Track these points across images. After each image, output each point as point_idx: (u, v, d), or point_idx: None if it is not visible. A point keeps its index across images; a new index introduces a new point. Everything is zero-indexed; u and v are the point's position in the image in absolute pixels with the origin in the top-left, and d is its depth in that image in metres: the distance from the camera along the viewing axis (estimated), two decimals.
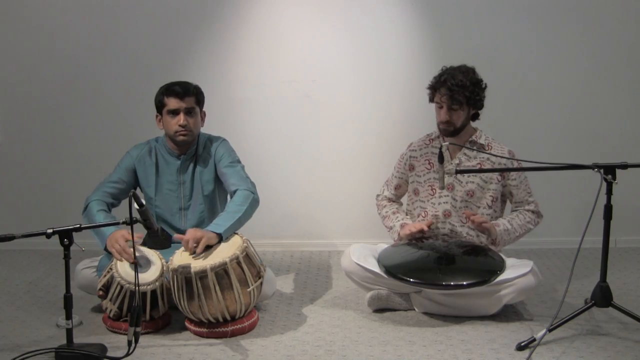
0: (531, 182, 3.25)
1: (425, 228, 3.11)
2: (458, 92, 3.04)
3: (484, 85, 3.14)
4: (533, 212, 3.17)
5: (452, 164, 3.12)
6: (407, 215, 3.33)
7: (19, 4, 4.17)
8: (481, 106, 3.16)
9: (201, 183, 3.19)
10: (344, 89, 4.20)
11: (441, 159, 2.92)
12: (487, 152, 3.12)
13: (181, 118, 3.07)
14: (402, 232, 3.17)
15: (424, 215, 3.21)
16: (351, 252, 3.12)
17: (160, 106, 3.12)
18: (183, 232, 3.16)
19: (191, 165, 3.20)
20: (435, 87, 3.12)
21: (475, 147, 3.14)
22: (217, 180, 3.21)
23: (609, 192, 2.65)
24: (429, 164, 3.23)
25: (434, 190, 3.20)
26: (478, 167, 3.12)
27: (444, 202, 3.17)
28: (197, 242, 2.80)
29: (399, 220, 3.25)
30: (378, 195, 3.45)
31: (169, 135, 3.15)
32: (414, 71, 4.09)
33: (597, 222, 2.67)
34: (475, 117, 3.19)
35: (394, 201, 3.42)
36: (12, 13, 4.18)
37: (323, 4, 4.12)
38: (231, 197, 3.08)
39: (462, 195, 3.14)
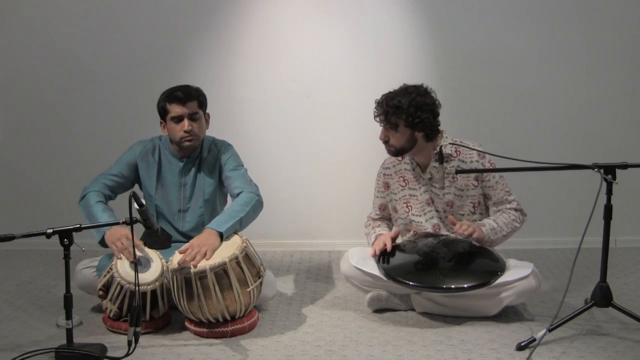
0: (531, 183, 3.24)
1: (389, 244, 3.04)
2: (393, 114, 2.98)
3: (433, 108, 3.01)
4: (516, 210, 3.10)
5: (424, 179, 3.10)
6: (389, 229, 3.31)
7: (18, 3, 4.17)
8: (426, 128, 3.00)
9: (202, 187, 3.18)
10: (343, 89, 4.20)
11: (441, 159, 2.91)
12: (486, 151, 3.08)
13: (185, 124, 3.05)
14: (372, 247, 3.10)
15: (413, 233, 3.20)
16: (350, 255, 3.11)
17: (163, 113, 3.10)
18: (181, 233, 3.17)
19: (194, 169, 3.19)
20: (376, 107, 3.08)
21: (451, 156, 3.06)
22: (219, 185, 3.20)
23: (609, 192, 2.64)
24: (404, 180, 3.20)
25: (410, 207, 3.18)
26: (449, 177, 3.09)
27: (430, 218, 3.15)
28: (202, 255, 2.76)
29: (375, 234, 3.23)
30: (367, 217, 3.41)
31: (174, 142, 3.14)
32: (414, 71, 4.09)
33: (597, 222, 2.66)
34: (428, 138, 3.05)
35: (378, 220, 3.36)
36: (12, 13, 4.18)
37: (323, 4, 4.12)
38: (234, 199, 3.08)
39: (443, 207, 3.12)
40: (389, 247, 3.04)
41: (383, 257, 3.05)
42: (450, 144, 3.06)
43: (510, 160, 2.88)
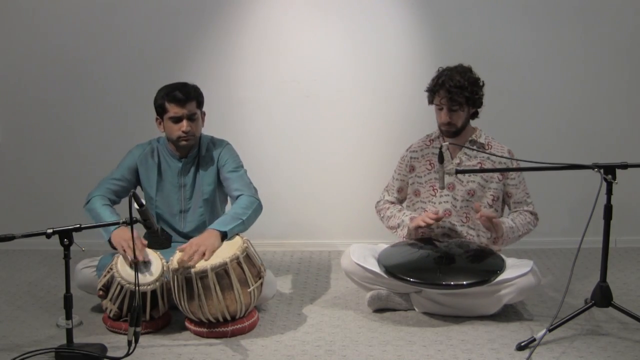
0: (531, 182, 3.26)
1: (433, 219, 3.04)
2: (457, 94, 3.03)
3: (482, 84, 3.13)
4: (532, 213, 3.17)
5: (452, 163, 3.12)
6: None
7: (18, 4, 4.17)
8: (480, 104, 3.15)
9: (202, 186, 3.17)
10: (344, 88, 4.20)
11: (441, 158, 2.91)
12: (487, 152, 3.12)
13: (184, 125, 3.04)
14: (412, 225, 3.12)
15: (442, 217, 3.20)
16: (351, 252, 3.12)
17: (161, 111, 3.09)
18: (182, 234, 3.17)
19: (192, 168, 3.19)
20: (434, 90, 3.11)
21: (475, 147, 3.14)
22: (218, 184, 3.20)
23: (609, 192, 2.65)
24: (430, 164, 3.23)
25: (435, 191, 3.19)
26: (478, 166, 3.12)
27: (444, 202, 3.17)
28: (200, 254, 2.77)
29: (407, 216, 3.22)
30: (378, 202, 3.41)
31: (171, 140, 3.14)
32: (414, 71, 4.09)
33: (597, 222, 2.67)
34: (475, 115, 3.19)
35: (397, 204, 3.38)
36: (12, 13, 4.18)
37: (323, 4, 4.12)
38: (234, 202, 3.08)
39: (463, 195, 3.14)
40: (440, 216, 3.06)
41: (396, 249, 3.08)
42: (450, 143, 3.07)
43: (521, 162, 2.91)
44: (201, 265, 2.73)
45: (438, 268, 2.91)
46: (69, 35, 4.17)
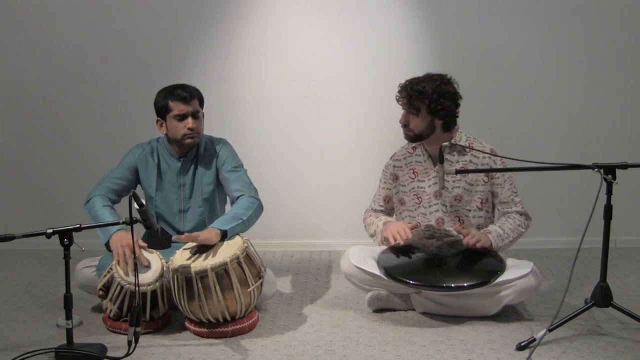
0: (531, 182, 3.25)
1: (409, 234, 3.01)
2: (415, 98, 3.02)
3: (455, 98, 3.07)
4: (521, 214, 3.11)
5: (434, 170, 3.11)
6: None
7: (18, 4, 4.17)
8: (446, 117, 3.06)
9: (201, 185, 3.18)
10: (344, 88, 4.19)
11: (441, 158, 2.92)
12: (485, 152, 3.09)
13: (189, 122, 3.05)
14: (384, 232, 3.07)
15: (415, 225, 3.18)
16: (350, 254, 3.10)
17: (164, 111, 3.08)
18: (182, 234, 3.16)
19: (192, 167, 3.19)
20: (399, 90, 3.12)
21: (456, 150, 3.10)
22: (217, 183, 3.20)
23: (609, 192, 2.65)
24: (413, 172, 3.21)
25: (420, 199, 3.18)
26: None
27: (435, 211, 3.15)
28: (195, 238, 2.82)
29: (381, 220, 3.20)
30: (366, 211, 3.39)
31: (175, 139, 3.13)
32: (414, 71, 4.04)
33: (597, 222, 2.66)
34: (445, 127, 3.10)
35: (380, 213, 3.33)
36: (12, 13, 4.18)
37: (323, 4, 4.12)
38: (233, 202, 3.08)
39: (451, 201, 3.13)
40: (409, 236, 3.01)
41: (396, 250, 3.05)
42: (451, 143, 3.07)
43: (510, 160, 2.89)
44: (201, 265, 2.73)
45: (438, 270, 2.91)
46: (69, 35, 4.17)
